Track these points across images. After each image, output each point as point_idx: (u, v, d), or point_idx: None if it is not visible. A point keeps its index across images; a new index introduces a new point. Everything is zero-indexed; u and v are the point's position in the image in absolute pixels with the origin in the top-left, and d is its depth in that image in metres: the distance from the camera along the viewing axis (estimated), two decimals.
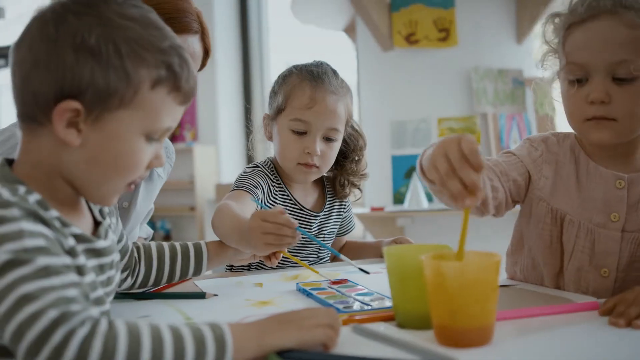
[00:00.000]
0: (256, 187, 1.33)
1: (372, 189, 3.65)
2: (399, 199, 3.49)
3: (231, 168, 6.58)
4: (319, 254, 1.48)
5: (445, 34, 3.41)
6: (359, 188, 1.50)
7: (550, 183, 1.06)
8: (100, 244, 0.79)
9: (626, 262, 1.02)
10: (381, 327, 0.83)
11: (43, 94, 0.70)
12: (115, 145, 0.72)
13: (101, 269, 0.80)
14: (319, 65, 1.38)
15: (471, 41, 3.49)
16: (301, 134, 1.34)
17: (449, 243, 0.83)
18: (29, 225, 0.65)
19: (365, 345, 0.75)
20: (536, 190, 1.07)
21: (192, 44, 1.27)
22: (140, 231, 1.58)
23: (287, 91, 1.36)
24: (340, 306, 0.93)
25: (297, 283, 1.11)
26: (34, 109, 0.71)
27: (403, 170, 3.47)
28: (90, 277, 0.75)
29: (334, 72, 1.39)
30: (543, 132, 1.14)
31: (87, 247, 0.77)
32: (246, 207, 1.26)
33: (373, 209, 3.31)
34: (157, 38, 0.73)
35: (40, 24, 0.72)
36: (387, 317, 0.87)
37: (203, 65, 1.36)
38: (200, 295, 1.06)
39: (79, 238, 0.75)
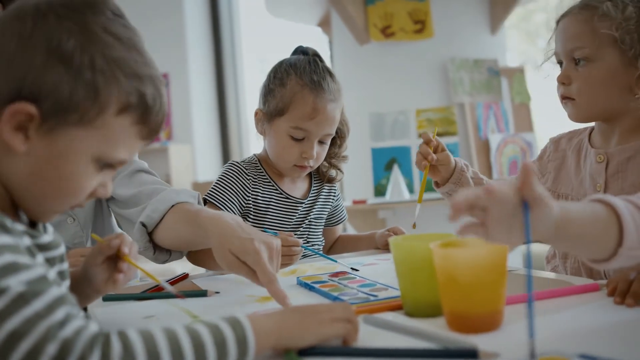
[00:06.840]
0: (226, 203, 1.40)
1: (352, 182, 3.66)
2: (380, 191, 3.50)
3: (207, 166, 6.53)
4: (308, 239, 1.50)
5: (420, 26, 3.43)
6: (340, 170, 1.56)
7: (554, 175, 1.26)
8: (45, 238, 0.72)
9: None
10: (389, 317, 0.83)
11: None
12: (62, 163, 0.67)
13: (50, 262, 0.73)
14: (316, 66, 1.41)
15: (447, 32, 3.52)
16: (299, 139, 1.40)
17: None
18: None
19: (379, 336, 0.76)
20: (544, 184, 1.25)
21: None
22: None
23: (287, 97, 1.38)
24: (346, 298, 0.94)
25: (298, 277, 1.12)
26: None
27: (383, 162, 3.48)
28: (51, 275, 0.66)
29: (330, 73, 1.43)
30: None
31: (34, 243, 0.69)
32: None
33: (355, 202, 3.32)
34: (137, 63, 0.69)
35: (16, 16, 0.67)
36: (395, 307, 0.88)
37: None
38: (202, 294, 1.06)
39: (27, 234, 0.68)
